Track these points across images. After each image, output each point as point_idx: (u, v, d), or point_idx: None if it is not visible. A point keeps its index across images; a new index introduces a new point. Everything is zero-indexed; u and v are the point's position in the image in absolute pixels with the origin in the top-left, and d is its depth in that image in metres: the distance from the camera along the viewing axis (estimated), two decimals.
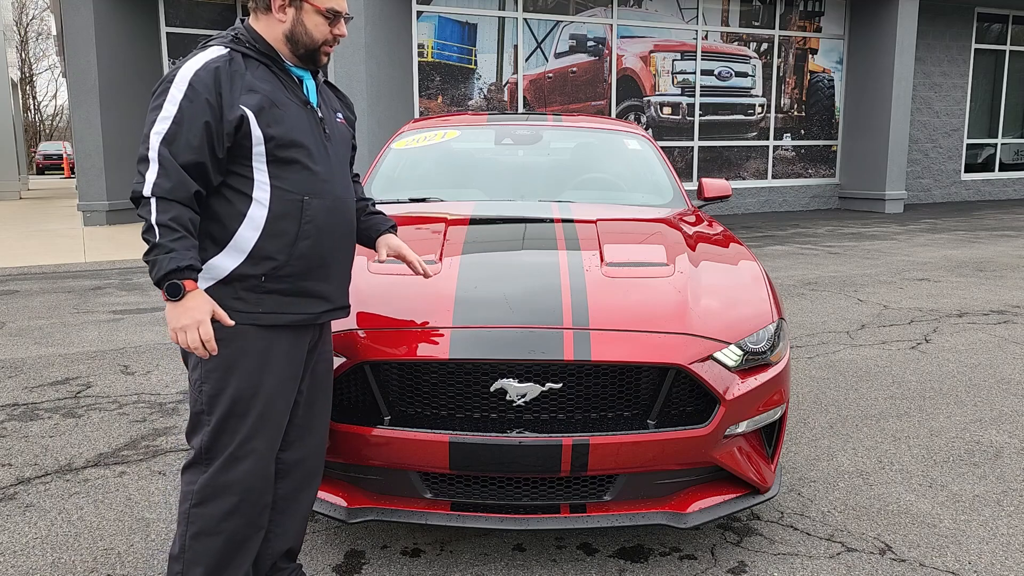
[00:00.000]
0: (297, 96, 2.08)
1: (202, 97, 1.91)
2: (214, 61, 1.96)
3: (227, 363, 2.00)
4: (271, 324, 2.04)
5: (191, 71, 1.94)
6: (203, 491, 2.04)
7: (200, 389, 2.01)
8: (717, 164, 14.34)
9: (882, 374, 4.69)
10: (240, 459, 2.03)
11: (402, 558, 2.64)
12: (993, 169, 17.28)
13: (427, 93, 11.87)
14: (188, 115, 1.90)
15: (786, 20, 14.50)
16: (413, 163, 4.38)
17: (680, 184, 4.22)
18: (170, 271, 1.85)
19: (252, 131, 1.96)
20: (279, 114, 2.01)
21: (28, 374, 4.68)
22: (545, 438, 2.32)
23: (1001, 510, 3.01)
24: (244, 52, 2.03)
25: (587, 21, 12.92)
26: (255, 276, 2.00)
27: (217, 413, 2.01)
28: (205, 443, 2.02)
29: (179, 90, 1.92)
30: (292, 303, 2.06)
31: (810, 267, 8.43)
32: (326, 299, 2.14)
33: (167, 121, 1.90)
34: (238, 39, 2.05)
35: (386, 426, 2.38)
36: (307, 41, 2.07)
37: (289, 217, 2.02)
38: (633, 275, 2.73)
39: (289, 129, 2.02)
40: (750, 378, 2.51)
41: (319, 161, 2.08)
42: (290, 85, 2.08)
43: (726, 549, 2.70)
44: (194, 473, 2.05)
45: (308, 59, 2.11)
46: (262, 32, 2.07)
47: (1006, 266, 8.50)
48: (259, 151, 1.99)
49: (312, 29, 2.06)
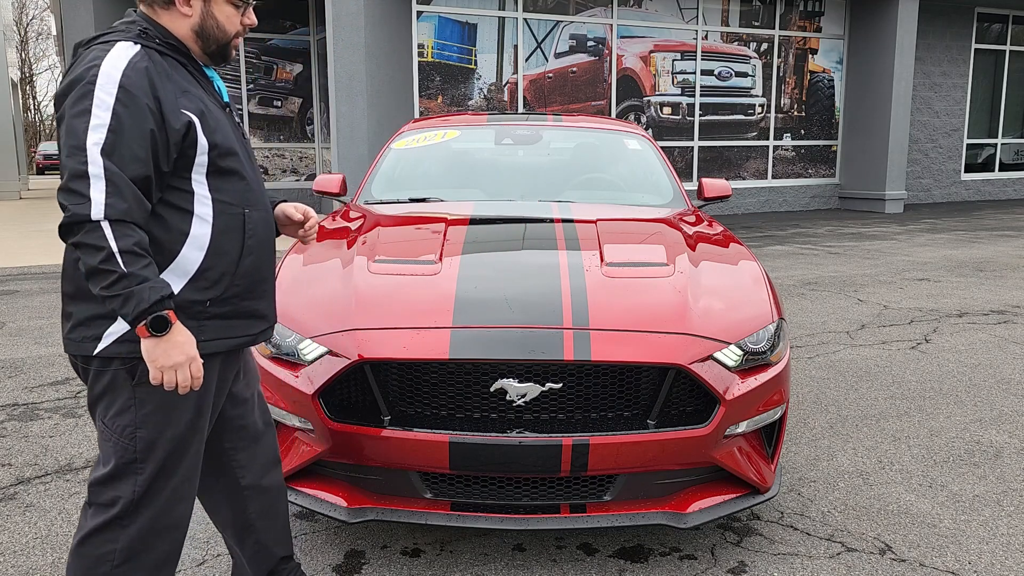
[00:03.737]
0: (215, 98, 1.89)
1: (140, 102, 1.67)
2: (137, 59, 1.71)
3: (169, 403, 1.80)
4: (213, 352, 1.85)
5: (116, 70, 1.67)
6: (132, 546, 1.82)
7: (134, 436, 1.78)
8: (717, 164, 14.34)
9: (882, 374, 4.69)
10: (180, 500, 1.88)
11: (402, 558, 2.64)
12: (993, 169, 17.28)
13: (427, 93, 11.86)
14: (127, 122, 1.65)
15: (786, 20, 14.50)
16: (413, 163, 4.38)
17: (680, 184, 4.22)
18: (153, 303, 1.64)
19: (199, 139, 1.76)
20: (214, 119, 1.82)
21: (28, 374, 4.68)
22: (545, 438, 2.32)
23: (1001, 510, 3.01)
24: (157, 49, 1.78)
25: (587, 21, 12.92)
26: (200, 301, 1.81)
27: (155, 459, 1.80)
28: (139, 494, 1.80)
29: (107, 93, 1.65)
30: (234, 326, 1.88)
31: (810, 267, 8.42)
32: (264, 318, 1.98)
33: (102, 130, 1.63)
34: (146, 34, 1.78)
35: (386, 426, 2.38)
36: (219, 35, 1.86)
37: (233, 232, 1.84)
38: (633, 275, 2.73)
39: (226, 136, 1.84)
40: (750, 378, 2.51)
41: (248, 168, 1.91)
42: (207, 86, 1.88)
43: (726, 549, 2.70)
44: (111, 531, 1.81)
45: (219, 55, 1.90)
46: (167, 27, 1.82)
47: (1006, 266, 8.50)
48: (202, 161, 1.79)
49: (224, 21, 1.86)
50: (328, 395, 2.46)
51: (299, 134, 13.54)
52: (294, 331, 2.54)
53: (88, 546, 1.82)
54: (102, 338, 1.76)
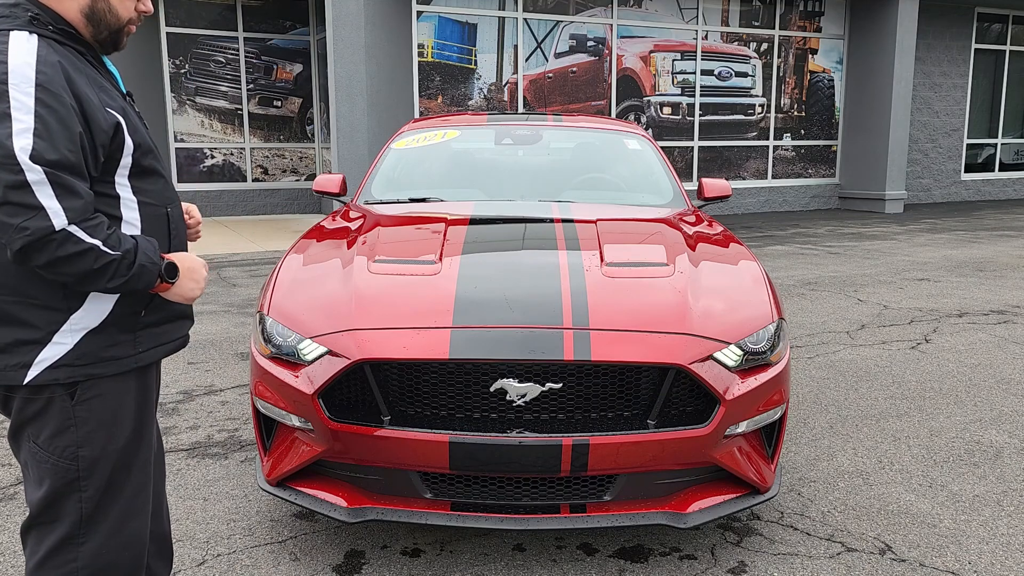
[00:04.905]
0: (118, 90, 1.76)
1: (64, 101, 1.52)
2: (45, 52, 1.54)
3: (110, 419, 1.71)
4: (150, 362, 1.79)
5: (29, 67, 1.50)
6: (92, 564, 1.73)
7: (75, 456, 1.68)
8: (717, 164, 14.33)
9: (882, 374, 4.69)
10: (134, 515, 1.80)
11: (402, 558, 2.64)
12: (993, 169, 17.27)
13: (427, 93, 11.86)
14: (54, 125, 1.49)
15: (786, 20, 14.50)
16: (413, 163, 4.38)
17: (680, 184, 4.22)
18: (158, 260, 1.64)
19: (125, 141, 1.65)
20: (132, 117, 1.71)
21: None
22: (545, 438, 2.32)
23: (1001, 510, 3.01)
24: (54, 38, 1.59)
25: (587, 21, 12.92)
26: (135, 312, 1.72)
27: (99, 476, 1.71)
28: (87, 513, 1.71)
29: (24, 93, 1.49)
30: (165, 332, 1.82)
31: (810, 267, 8.42)
32: (189, 317, 1.92)
33: (28, 135, 1.46)
34: (37, 19, 1.59)
35: (386, 426, 2.38)
36: (111, 20, 1.70)
37: (159, 234, 1.77)
38: (633, 275, 2.73)
39: (142, 133, 1.72)
40: (750, 378, 2.51)
41: (161, 163, 1.81)
42: (109, 78, 1.74)
43: (726, 549, 2.70)
44: (68, 552, 1.71)
45: (111, 43, 1.74)
46: (54, 10, 1.64)
47: (1006, 266, 8.50)
48: (126, 163, 1.67)
49: (116, 5, 1.70)
50: (328, 395, 2.46)
51: (299, 134, 13.54)
52: (294, 331, 2.54)
53: (47, 569, 1.73)
54: (31, 365, 1.63)
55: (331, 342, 2.45)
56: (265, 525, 2.86)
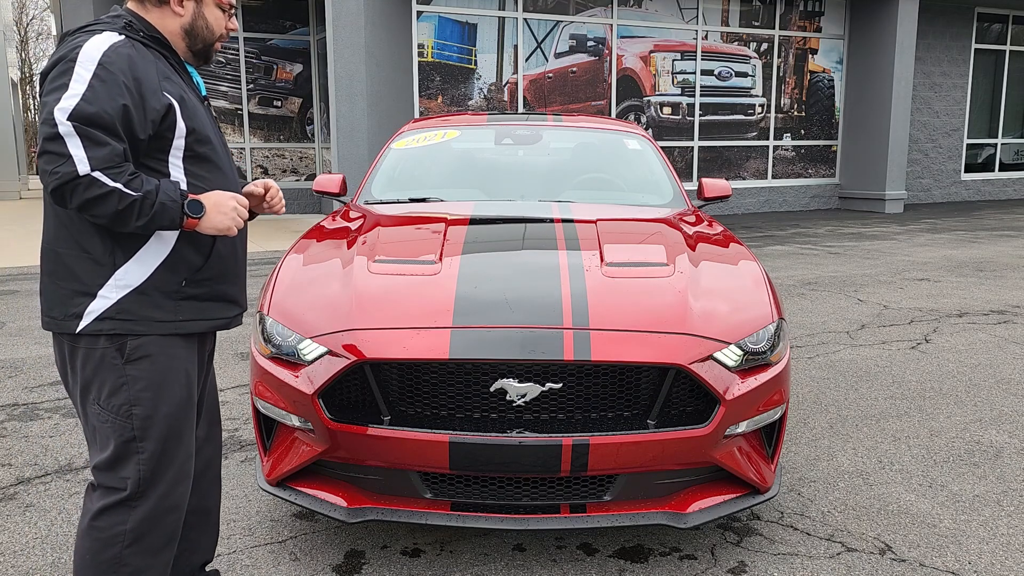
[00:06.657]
0: (194, 90, 1.99)
1: (117, 79, 1.73)
2: (120, 45, 1.79)
3: (159, 379, 1.87)
4: (190, 332, 1.94)
5: (98, 51, 1.75)
6: (140, 527, 1.88)
7: (130, 414, 1.85)
8: (717, 164, 14.34)
9: (882, 374, 4.69)
10: (182, 480, 1.94)
11: (402, 558, 2.64)
12: (993, 169, 17.28)
13: (427, 93, 11.86)
14: (102, 95, 1.70)
15: (786, 20, 14.50)
16: (413, 163, 4.38)
17: (680, 184, 4.22)
18: (179, 198, 1.76)
19: (177, 122, 1.85)
20: (192, 106, 1.91)
21: (28, 374, 4.68)
22: (545, 438, 2.32)
23: (1001, 510, 3.01)
24: (141, 41, 1.86)
25: (587, 21, 12.92)
26: (175, 280, 1.89)
27: (154, 437, 1.87)
28: (144, 474, 1.87)
29: (86, 69, 1.72)
30: (209, 308, 1.97)
31: (810, 267, 8.42)
32: (236, 303, 2.07)
33: (75, 98, 1.69)
34: (131, 27, 1.88)
35: (386, 426, 2.38)
36: (207, 35, 1.99)
37: None
38: (633, 275, 2.73)
39: (202, 124, 1.93)
40: (750, 378, 2.51)
41: (222, 158, 2.01)
42: (186, 78, 1.99)
43: (726, 549, 2.70)
44: (120, 513, 1.87)
45: (203, 55, 2.03)
46: (155, 24, 1.93)
47: (1006, 266, 8.50)
48: (179, 145, 1.87)
49: (212, 23, 2.00)
50: (328, 395, 2.46)
51: (299, 134, 13.54)
52: (294, 331, 2.54)
53: (98, 528, 1.87)
54: (83, 316, 1.83)
55: (331, 342, 2.45)
56: (265, 525, 2.86)
